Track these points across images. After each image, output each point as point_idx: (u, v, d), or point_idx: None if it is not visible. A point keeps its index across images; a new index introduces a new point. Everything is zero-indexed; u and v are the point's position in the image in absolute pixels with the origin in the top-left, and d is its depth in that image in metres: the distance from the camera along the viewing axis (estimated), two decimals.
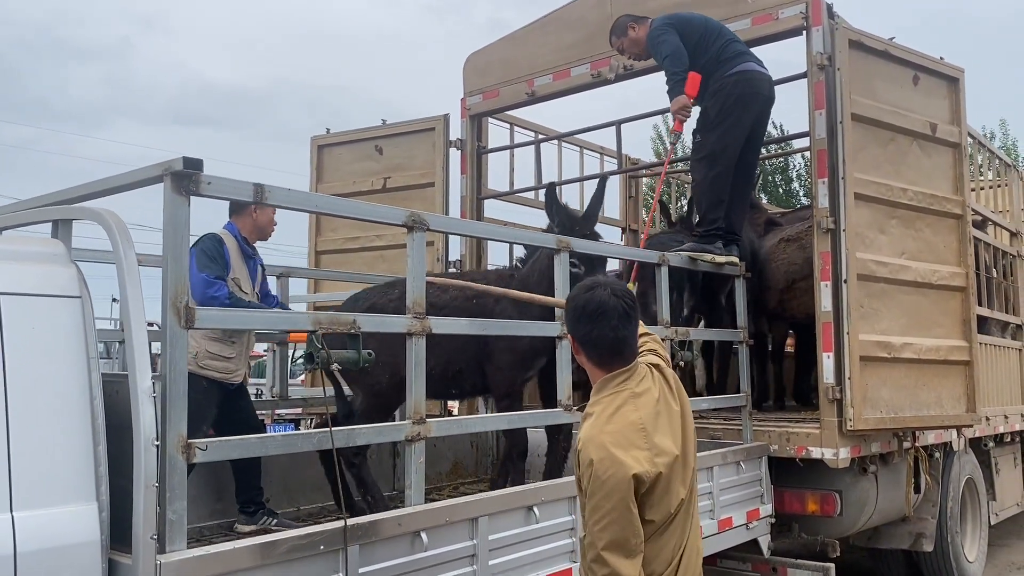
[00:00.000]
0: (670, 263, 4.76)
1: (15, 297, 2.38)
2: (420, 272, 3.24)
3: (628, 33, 5.58)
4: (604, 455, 2.18)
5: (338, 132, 7.83)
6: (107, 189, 2.80)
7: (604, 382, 2.36)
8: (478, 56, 7.18)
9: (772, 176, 24.82)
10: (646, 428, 2.25)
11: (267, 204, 3.28)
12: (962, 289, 5.50)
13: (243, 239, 4.43)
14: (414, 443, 3.11)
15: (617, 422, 2.25)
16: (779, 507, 5.17)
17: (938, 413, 5.29)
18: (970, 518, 6.69)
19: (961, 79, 5.72)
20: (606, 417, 2.27)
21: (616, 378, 2.35)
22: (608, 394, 2.33)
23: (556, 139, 8.02)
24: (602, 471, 2.16)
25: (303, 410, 8.69)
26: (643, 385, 2.35)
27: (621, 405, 2.28)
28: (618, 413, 2.27)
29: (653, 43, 5.35)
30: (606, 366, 2.37)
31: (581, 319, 2.37)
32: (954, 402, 5.39)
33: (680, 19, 5.37)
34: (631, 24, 5.58)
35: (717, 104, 5.29)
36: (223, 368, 4.24)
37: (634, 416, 2.26)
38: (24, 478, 2.27)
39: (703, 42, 5.28)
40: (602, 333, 2.33)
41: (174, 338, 2.44)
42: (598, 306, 2.34)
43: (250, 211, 4.41)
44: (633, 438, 2.22)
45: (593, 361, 2.40)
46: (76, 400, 2.40)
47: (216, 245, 4.22)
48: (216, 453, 2.57)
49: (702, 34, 5.30)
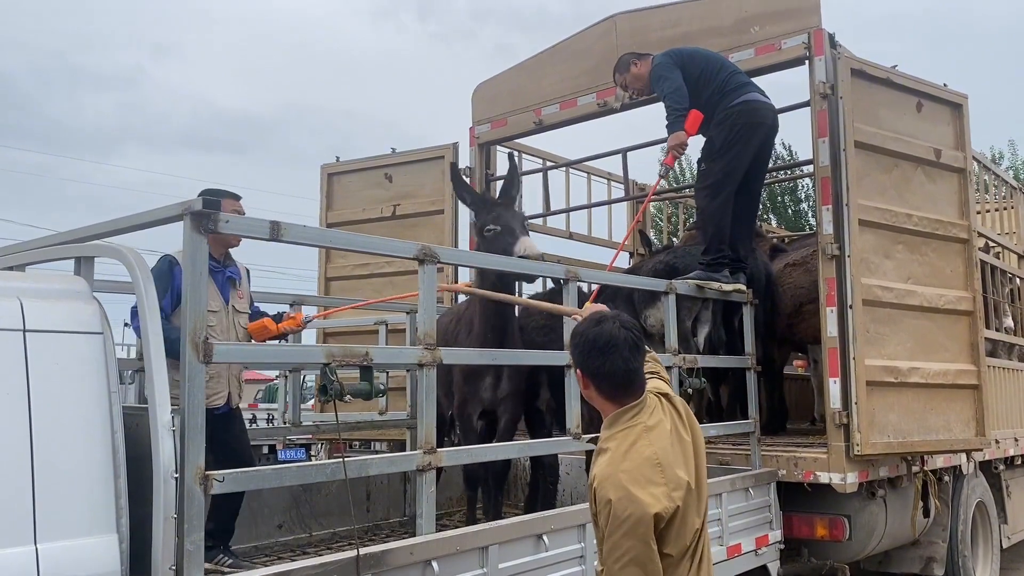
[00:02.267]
0: (677, 291, 4.82)
1: (40, 334, 2.46)
2: (431, 304, 3.32)
3: (631, 69, 5.68)
4: (622, 494, 2.16)
5: (347, 160, 7.94)
6: (129, 227, 2.89)
7: (616, 417, 2.35)
8: (486, 86, 7.30)
9: (781, 197, 24.89)
10: (661, 463, 2.24)
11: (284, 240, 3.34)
12: (969, 313, 5.52)
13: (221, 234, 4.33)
14: (425, 472, 3.16)
15: (633, 459, 2.23)
16: (788, 532, 5.18)
17: (947, 437, 5.30)
18: (981, 542, 6.66)
19: (965, 105, 5.78)
20: (621, 454, 2.25)
21: (628, 412, 2.34)
22: (621, 429, 2.31)
23: (564, 166, 8.12)
24: (620, 510, 2.15)
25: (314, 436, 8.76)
26: (655, 417, 2.34)
27: (635, 440, 2.27)
28: (633, 449, 2.25)
29: (655, 79, 5.44)
30: (617, 399, 2.36)
31: (591, 353, 2.36)
32: (963, 426, 5.39)
33: (682, 54, 5.47)
34: (634, 61, 5.68)
35: (722, 134, 5.37)
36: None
37: (648, 451, 2.24)
38: (48, 510, 2.34)
39: (705, 75, 5.37)
40: (614, 366, 2.32)
41: (192, 372, 2.51)
42: (608, 339, 2.33)
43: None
44: (650, 474, 2.21)
45: (604, 395, 2.38)
46: (98, 434, 2.47)
47: (163, 268, 4.11)
48: (233, 484, 2.63)
49: (703, 68, 5.39)
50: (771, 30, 5.62)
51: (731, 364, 5.54)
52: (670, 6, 6.25)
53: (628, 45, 5.97)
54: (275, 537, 4.92)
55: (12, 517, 2.27)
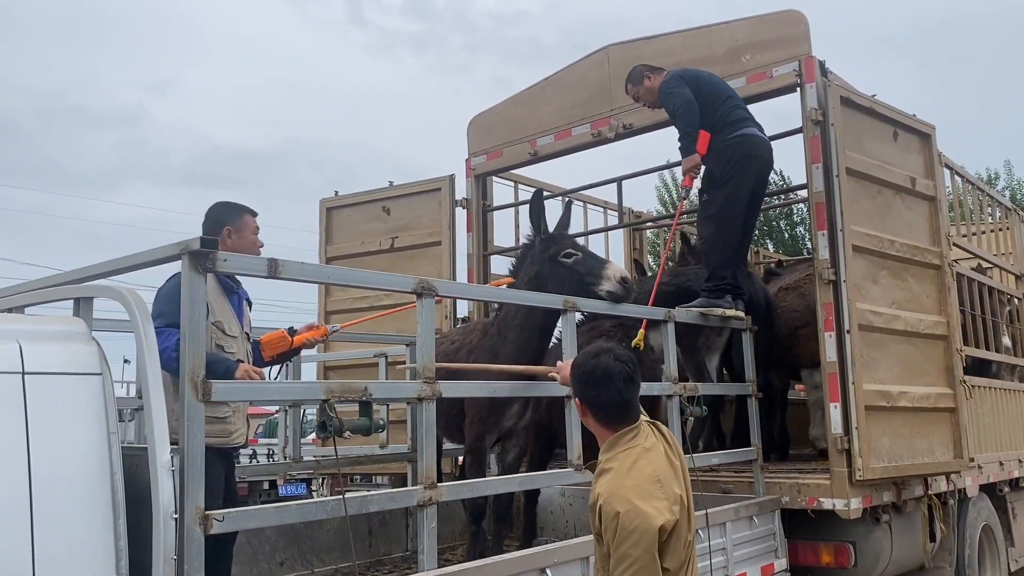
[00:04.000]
0: (676, 319, 4.83)
1: (40, 376, 2.47)
2: (429, 337, 3.32)
3: (644, 82, 5.73)
4: (629, 508, 2.32)
5: (346, 195, 7.99)
6: (127, 267, 2.91)
7: (614, 441, 2.53)
8: (482, 117, 7.37)
9: (776, 222, 24.98)
10: (661, 480, 2.41)
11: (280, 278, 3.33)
12: (944, 337, 5.58)
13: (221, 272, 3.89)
14: (426, 508, 3.15)
15: (635, 476, 2.40)
16: (793, 560, 5.13)
17: (931, 460, 5.32)
18: (988, 565, 6.61)
19: (932, 135, 5.90)
20: (624, 472, 2.42)
21: (625, 436, 2.52)
22: (622, 450, 2.49)
23: (560, 196, 8.16)
24: (628, 523, 2.31)
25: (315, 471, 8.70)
26: (650, 441, 2.53)
27: (636, 460, 2.44)
28: (634, 468, 2.42)
29: (664, 95, 5.50)
30: (613, 426, 2.55)
31: (589, 384, 2.56)
32: (943, 449, 5.43)
33: (692, 75, 5.52)
34: (647, 73, 5.73)
35: (721, 165, 5.42)
36: (221, 432, 3.64)
37: (649, 470, 2.42)
38: (47, 553, 2.33)
39: (710, 102, 5.42)
40: (609, 396, 2.52)
41: (191, 412, 2.52)
42: (604, 372, 2.52)
43: (223, 237, 3.78)
44: (652, 490, 2.38)
45: (601, 422, 2.57)
46: (97, 475, 2.47)
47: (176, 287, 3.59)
48: (233, 524, 2.62)
49: (709, 93, 5.44)
50: (762, 58, 5.69)
51: (732, 391, 5.53)
52: (662, 36, 6.34)
53: (621, 76, 6.02)
54: (277, 575, 4.87)
55: (11, 560, 2.26)
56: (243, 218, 3.93)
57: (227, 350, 3.70)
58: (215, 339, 3.64)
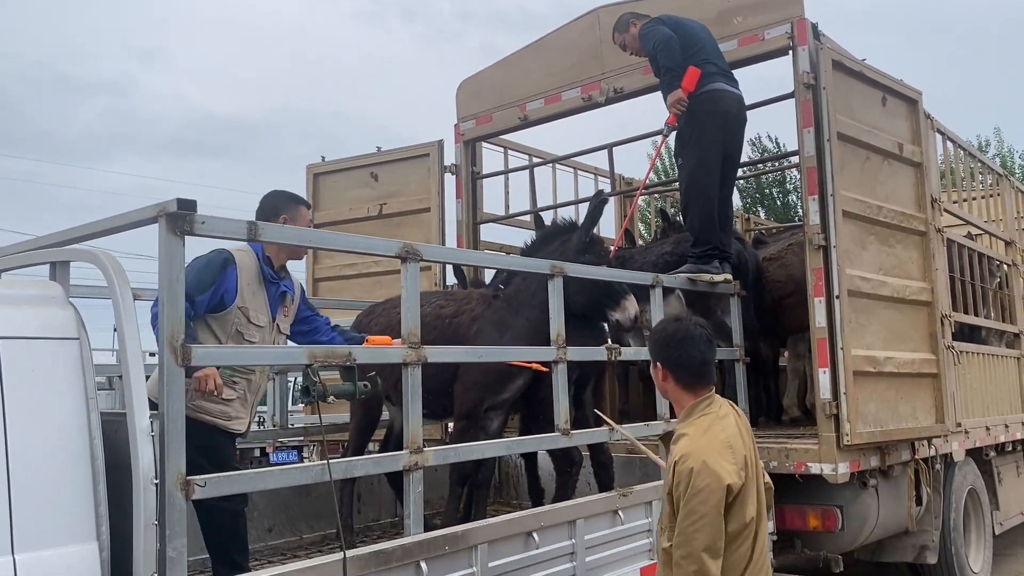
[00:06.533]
0: (664, 284, 4.80)
1: (15, 341, 2.42)
2: (414, 302, 3.29)
3: (630, 29, 5.65)
4: (702, 466, 2.53)
5: (333, 160, 7.88)
6: (103, 231, 2.85)
7: (691, 408, 2.75)
8: (470, 82, 7.26)
9: (769, 189, 24.93)
10: (732, 446, 2.63)
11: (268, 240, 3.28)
12: (928, 303, 5.60)
13: (266, 260, 3.74)
14: (412, 472, 3.14)
15: (709, 440, 2.63)
16: (780, 524, 5.17)
17: (914, 425, 5.36)
18: (974, 529, 6.68)
19: (919, 100, 5.85)
20: (699, 435, 2.64)
21: (701, 404, 2.75)
22: (698, 417, 2.72)
23: (550, 162, 8.09)
24: (700, 480, 2.52)
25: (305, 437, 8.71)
26: (723, 411, 2.76)
27: (710, 426, 2.67)
28: (709, 432, 2.65)
29: (643, 37, 5.43)
30: (692, 388, 2.77)
31: (671, 344, 2.78)
32: (926, 414, 5.46)
33: (672, 20, 5.44)
34: (633, 21, 5.65)
35: (690, 125, 5.35)
36: (220, 412, 3.56)
37: (723, 436, 2.65)
38: (25, 520, 2.30)
39: (685, 50, 5.33)
40: (691, 356, 2.75)
41: (171, 376, 2.48)
42: (686, 333, 2.77)
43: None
44: (724, 453, 2.60)
45: (682, 384, 2.78)
46: (76, 441, 2.44)
47: (213, 264, 3.55)
48: (214, 489, 2.59)
49: (684, 42, 5.34)
50: (754, 20, 5.61)
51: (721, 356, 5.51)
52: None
53: (611, 39, 5.93)
54: (265, 540, 4.87)
55: None
56: (299, 209, 3.96)
57: (247, 338, 3.63)
58: (237, 325, 3.59)
